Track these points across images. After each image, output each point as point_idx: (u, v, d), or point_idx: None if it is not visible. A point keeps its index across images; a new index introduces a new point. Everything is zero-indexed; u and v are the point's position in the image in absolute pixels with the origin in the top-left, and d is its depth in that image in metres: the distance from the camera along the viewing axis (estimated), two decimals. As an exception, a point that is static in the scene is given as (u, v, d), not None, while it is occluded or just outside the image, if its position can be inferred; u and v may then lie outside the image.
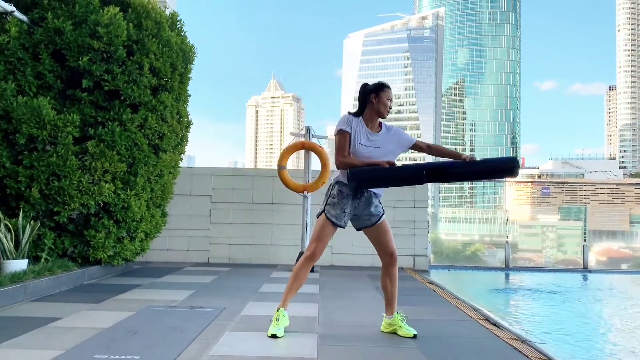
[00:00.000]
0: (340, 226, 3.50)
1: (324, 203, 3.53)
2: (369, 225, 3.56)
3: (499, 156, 3.49)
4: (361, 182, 3.37)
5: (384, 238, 3.58)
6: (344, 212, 3.48)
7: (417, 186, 8.08)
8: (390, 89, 3.60)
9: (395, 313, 3.63)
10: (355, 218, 3.58)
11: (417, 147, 3.67)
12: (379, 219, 3.56)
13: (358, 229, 3.64)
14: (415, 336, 3.49)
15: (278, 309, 3.50)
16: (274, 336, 3.35)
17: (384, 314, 3.70)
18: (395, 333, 3.58)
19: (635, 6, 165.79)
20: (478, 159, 3.47)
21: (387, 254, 3.60)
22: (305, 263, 3.49)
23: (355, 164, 3.36)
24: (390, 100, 3.57)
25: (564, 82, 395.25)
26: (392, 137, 3.56)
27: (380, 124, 3.57)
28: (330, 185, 3.56)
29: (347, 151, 3.43)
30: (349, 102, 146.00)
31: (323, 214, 3.49)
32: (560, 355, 3.41)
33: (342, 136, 3.46)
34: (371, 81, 3.80)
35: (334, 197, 3.49)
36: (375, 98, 3.51)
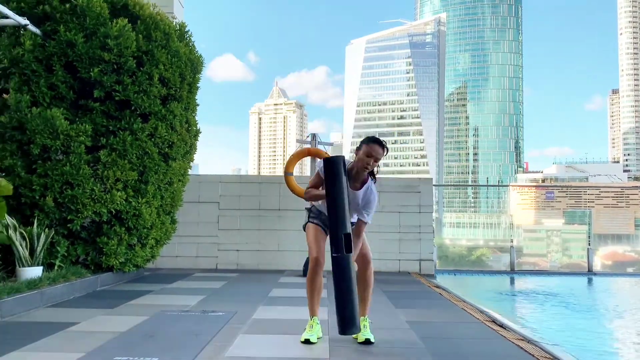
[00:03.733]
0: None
1: (307, 217, 3.65)
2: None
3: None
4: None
5: (356, 240, 3.44)
6: (326, 224, 3.52)
7: (421, 191, 8.18)
8: (377, 144, 3.31)
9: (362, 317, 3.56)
10: None
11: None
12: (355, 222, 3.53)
13: None
14: (367, 341, 3.40)
15: (311, 318, 3.53)
16: (307, 341, 3.39)
17: None
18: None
19: (636, 10, 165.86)
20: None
21: (359, 256, 3.57)
22: (313, 272, 3.51)
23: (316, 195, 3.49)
24: (371, 156, 3.29)
25: (569, 84, 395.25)
26: (364, 197, 3.44)
27: (363, 182, 3.42)
28: (307, 209, 3.70)
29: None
30: (352, 109, 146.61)
31: (308, 223, 3.63)
32: (567, 356, 3.47)
33: (317, 176, 3.49)
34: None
35: (314, 213, 3.63)
36: (358, 151, 3.40)
